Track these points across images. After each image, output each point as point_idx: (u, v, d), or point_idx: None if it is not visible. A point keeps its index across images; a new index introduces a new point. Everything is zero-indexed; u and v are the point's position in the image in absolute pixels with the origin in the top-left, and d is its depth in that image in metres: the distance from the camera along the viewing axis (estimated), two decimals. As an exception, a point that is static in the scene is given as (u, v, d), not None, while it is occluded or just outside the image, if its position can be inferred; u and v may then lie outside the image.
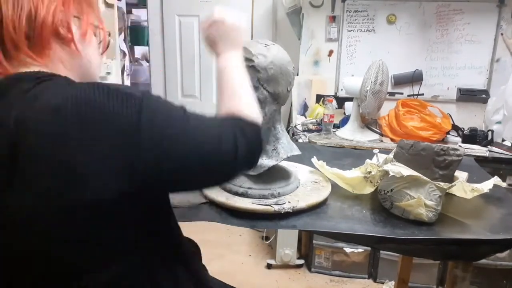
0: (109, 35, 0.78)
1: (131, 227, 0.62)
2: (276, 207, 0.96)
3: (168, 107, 0.62)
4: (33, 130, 0.55)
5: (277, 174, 1.09)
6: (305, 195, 1.06)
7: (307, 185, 1.13)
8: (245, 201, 0.99)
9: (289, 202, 1.00)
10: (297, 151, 1.08)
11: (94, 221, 0.58)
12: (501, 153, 2.07)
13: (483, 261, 1.95)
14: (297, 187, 1.10)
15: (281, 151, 1.05)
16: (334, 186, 1.13)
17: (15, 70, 0.64)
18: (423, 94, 2.52)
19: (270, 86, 0.98)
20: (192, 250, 0.85)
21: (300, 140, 2.23)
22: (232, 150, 0.65)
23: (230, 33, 0.85)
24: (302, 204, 1.00)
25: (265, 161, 1.03)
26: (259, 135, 0.72)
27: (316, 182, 1.15)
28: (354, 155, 1.51)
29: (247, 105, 0.75)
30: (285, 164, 1.19)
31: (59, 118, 0.55)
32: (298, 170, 1.22)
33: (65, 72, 0.67)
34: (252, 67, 0.96)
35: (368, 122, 2.33)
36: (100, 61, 0.76)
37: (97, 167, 0.55)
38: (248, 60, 0.96)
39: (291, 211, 0.97)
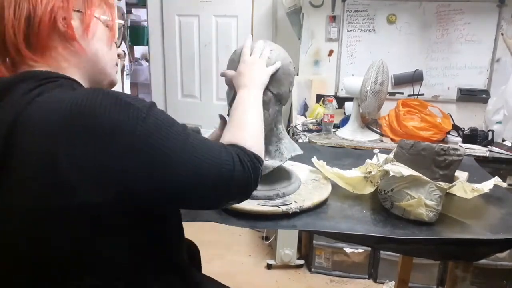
0: (124, 26, 0.75)
1: (119, 234, 0.60)
2: (283, 208, 0.96)
3: (169, 122, 0.60)
4: (27, 132, 0.55)
5: (278, 174, 1.09)
6: (308, 193, 1.06)
7: (308, 184, 1.13)
8: (251, 202, 0.97)
9: (295, 202, 1.00)
10: (299, 151, 1.08)
11: (80, 227, 0.56)
12: (502, 153, 2.07)
13: (483, 261, 1.94)
14: (299, 186, 1.10)
15: (284, 151, 1.05)
16: (334, 186, 1.13)
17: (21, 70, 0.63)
18: (423, 94, 2.52)
19: (274, 87, 0.98)
20: (190, 258, 0.83)
21: (300, 140, 2.23)
22: (230, 173, 0.63)
23: (253, 70, 0.90)
24: (308, 203, 1.00)
25: (269, 162, 1.02)
26: (257, 169, 0.69)
27: (316, 180, 1.16)
28: (354, 155, 1.51)
29: (252, 138, 0.74)
30: (285, 163, 1.19)
31: (53, 122, 0.54)
32: (298, 169, 1.21)
33: (72, 71, 0.66)
34: None
35: (368, 122, 2.33)
36: (110, 56, 0.73)
37: (85, 175, 0.54)
38: None
39: (298, 210, 0.97)
